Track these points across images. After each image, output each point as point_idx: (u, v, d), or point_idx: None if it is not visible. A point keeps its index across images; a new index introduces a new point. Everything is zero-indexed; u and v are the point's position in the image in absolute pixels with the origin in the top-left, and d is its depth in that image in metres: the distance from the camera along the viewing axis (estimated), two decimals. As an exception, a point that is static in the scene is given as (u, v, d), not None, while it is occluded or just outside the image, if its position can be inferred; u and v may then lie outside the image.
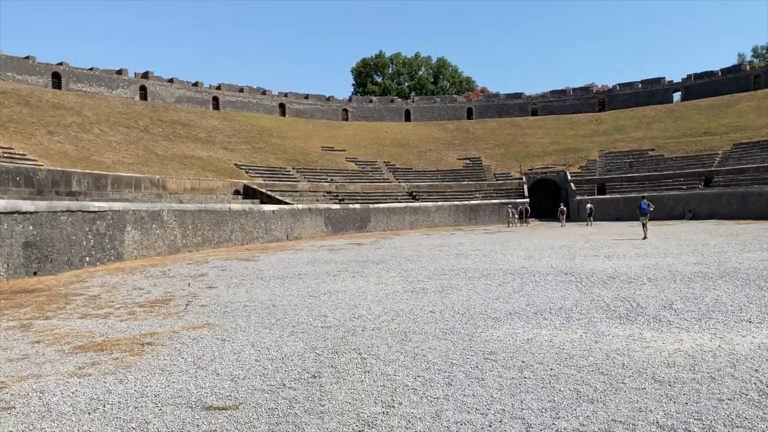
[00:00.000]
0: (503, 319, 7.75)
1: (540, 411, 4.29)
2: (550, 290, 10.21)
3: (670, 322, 7.20)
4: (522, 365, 5.52)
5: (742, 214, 36.15)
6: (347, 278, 13.02)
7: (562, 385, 4.88)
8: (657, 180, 48.16)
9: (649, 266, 13.30)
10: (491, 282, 11.56)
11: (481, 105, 77.50)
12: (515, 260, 15.92)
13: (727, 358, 5.51)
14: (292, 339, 6.97)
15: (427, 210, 44.43)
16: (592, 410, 4.27)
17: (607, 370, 5.26)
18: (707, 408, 4.22)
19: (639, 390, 4.68)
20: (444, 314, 8.26)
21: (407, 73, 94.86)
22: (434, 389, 4.88)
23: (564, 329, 7.02)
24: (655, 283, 10.66)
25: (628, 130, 61.87)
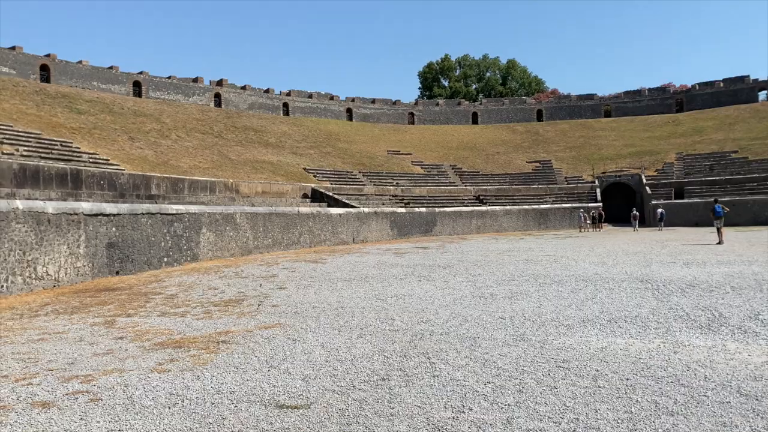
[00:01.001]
0: (576, 327, 7.54)
1: (616, 422, 4.15)
2: (624, 298, 9.86)
3: (757, 334, 6.80)
4: (596, 374, 5.35)
5: (837, 220, 33.72)
6: (414, 282, 13.03)
7: (639, 395, 4.70)
8: (741, 183, 45.66)
9: (733, 274, 12.62)
10: (563, 288, 11.28)
11: (552, 106, 75.83)
12: (588, 266, 15.47)
13: (822, 374, 5.15)
14: (360, 341, 7.04)
15: (495, 214, 43.84)
16: (672, 423, 4.09)
17: (688, 381, 5.03)
18: (800, 426, 3.97)
19: (723, 403, 4.45)
20: (514, 320, 8.13)
21: (475, 75, 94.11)
22: (505, 396, 4.81)
23: (640, 338, 6.76)
24: (739, 292, 10.10)
25: (708, 132, 58.98)
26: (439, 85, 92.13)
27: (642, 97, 72.56)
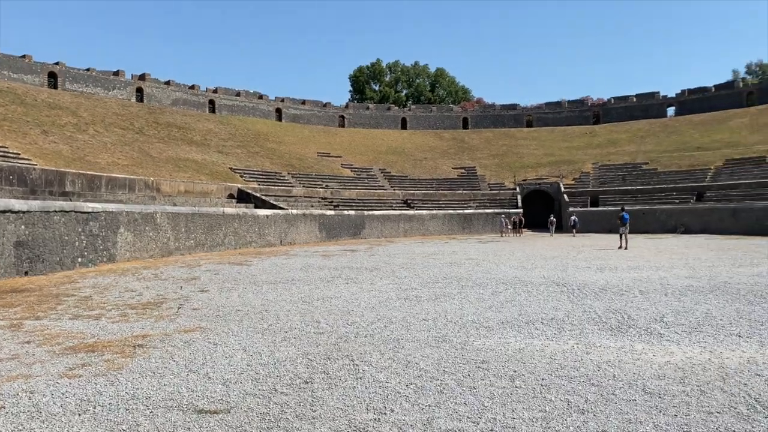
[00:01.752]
0: (495, 329, 7.77)
1: (531, 420, 4.31)
2: (542, 300, 10.25)
3: (661, 335, 7.24)
4: (514, 374, 5.54)
5: (733, 230, 36.39)
6: (340, 284, 13.02)
7: (553, 395, 4.90)
8: (650, 193, 48.44)
9: (641, 279, 13.37)
10: (484, 291, 11.59)
11: (477, 115, 77.85)
12: (508, 270, 15.96)
13: (717, 372, 5.54)
14: (284, 344, 6.96)
15: (422, 218, 44.49)
16: (583, 421, 4.29)
17: (598, 381, 5.29)
18: (696, 421, 4.26)
19: (629, 401, 4.71)
20: (437, 322, 8.28)
21: (405, 81, 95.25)
22: (426, 397, 4.90)
23: (556, 340, 7.05)
24: (647, 295, 10.72)
25: (621, 144, 62.26)
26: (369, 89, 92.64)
27: (562, 109, 75.72)
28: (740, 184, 44.05)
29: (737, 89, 68.03)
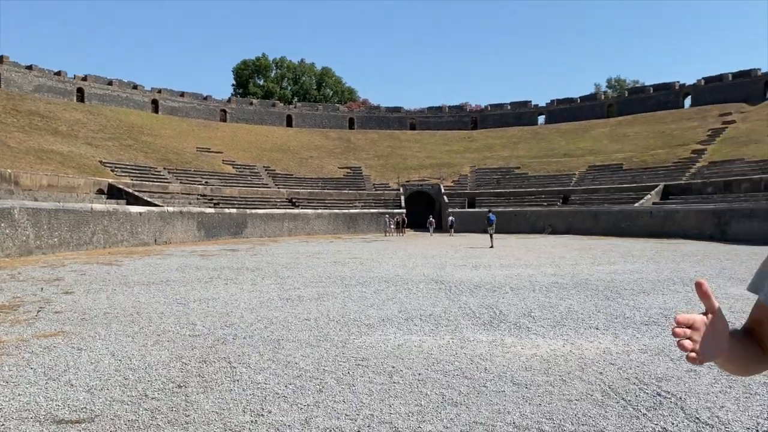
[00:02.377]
0: (376, 326, 7.89)
1: (407, 415, 4.43)
2: (421, 298, 10.55)
3: (529, 329, 7.71)
4: (392, 370, 5.65)
5: (594, 230, 39.53)
6: (219, 285, 12.63)
7: (429, 389, 5.06)
8: (521, 196, 51.43)
9: (512, 276, 14.16)
10: (367, 290, 11.73)
11: (363, 116, 78.65)
12: (390, 269, 16.28)
13: (577, 362, 5.99)
14: (156, 348, 6.64)
15: (307, 217, 44.22)
16: (456, 413, 4.47)
17: (471, 374, 5.54)
18: (558, 408, 4.57)
19: (499, 393, 4.96)
20: (318, 322, 8.26)
21: (291, 78, 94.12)
22: (305, 396, 4.87)
23: (433, 335, 7.29)
24: (517, 292, 11.37)
25: (497, 149, 65.56)
26: (254, 84, 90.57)
27: (443, 114, 78.41)
28: (600, 188, 47.96)
29: (599, 101, 73.99)
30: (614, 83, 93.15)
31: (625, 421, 4.27)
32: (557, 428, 4.14)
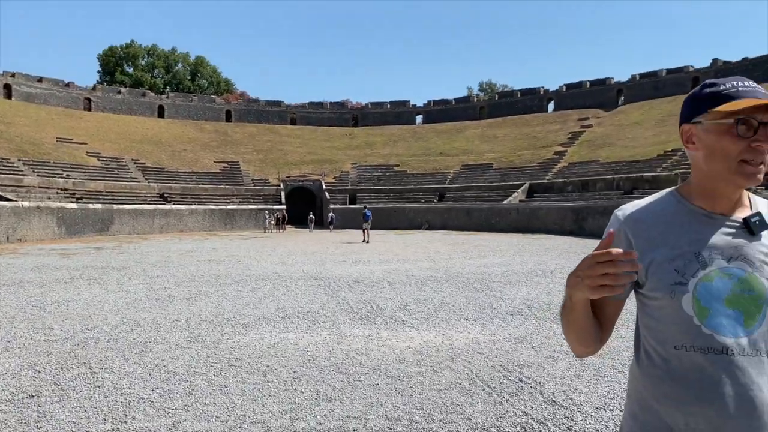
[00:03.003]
0: (252, 325, 7.72)
1: (280, 413, 4.37)
2: (300, 295, 10.47)
3: (404, 322, 7.91)
4: (266, 370, 5.56)
5: (468, 226, 41.39)
6: (81, 286, 11.76)
7: (303, 386, 5.03)
8: (401, 193, 52.69)
9: (390, 271, 14.46)
10: (242, 288, 11.45)
11: (241, 109, 76.61)
12: (268, 266, 16.01)
13: (447, 353, 6.23)
14: (5, 356, 6.05)
15: (180, 213, 42.33)
16: (330, 408, 4.48)
17: (346, 369, 5.58)
18: (428, 398, 4.73)
19: (373, 386, 5.04)
20: (190, 322, 7.94)
21: (163, 66, 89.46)
22: (173, 400, 4.66)
23: (310, 332, 7.26)
24: (394, 286, 11.63)
25: (377, 146, 66.64)
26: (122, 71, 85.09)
27: (324, 110, 78.36)
28: (473, 186, 50.30)
29: (472, 103, 77.55)
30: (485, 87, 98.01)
31: (489, 407, 4.50)
32: (427, 417, 4.28)
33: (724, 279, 1.35)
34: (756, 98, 1.31)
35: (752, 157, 1.33)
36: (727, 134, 1.35)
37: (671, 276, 1.38)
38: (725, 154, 1.36)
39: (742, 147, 1.33)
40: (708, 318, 1.34)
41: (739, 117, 1.33)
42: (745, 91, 1.34)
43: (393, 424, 4.16)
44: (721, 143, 1.36)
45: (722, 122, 1.35)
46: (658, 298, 1.40)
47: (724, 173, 1.37)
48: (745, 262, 1.36)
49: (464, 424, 4.14)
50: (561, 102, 69.36)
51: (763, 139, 1.32)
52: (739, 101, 1.32)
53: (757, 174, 1.34)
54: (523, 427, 4.09)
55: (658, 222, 1.44)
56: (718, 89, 1.38)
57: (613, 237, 1.27)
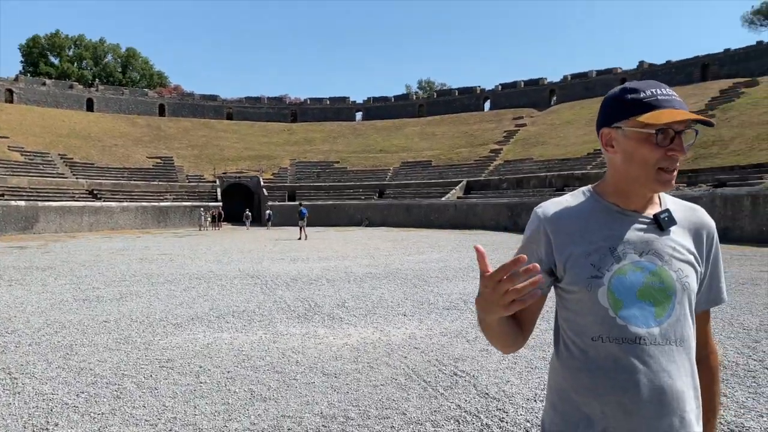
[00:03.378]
0: (185, 325, 7.53)
1: (213, 414, 4.28)
2: (235, 293, 10.29)
3: (342, 319, 7.90)
4: (199, 370, 5.43)
5: (407, 223, 41.75)
6: (2, 287, 11.15)
7: (237, 386, 4.94)
8: (340, 190, 52.54)
9: (329, 268, 14.40)
10: (176, 287, 11.15)
11: (175, 103, 74.42)
12: (203, 264, 15.65)
13: (384, 349, 6.26)
14: None
15: (111, 211, 40.77)
16: (264, 408, 4.42)
17: (282, 368, 5.52)
18: (364, 395, 4.74)
19: (309, 384, 5.01)
20: (120, 323, 7.66)
21: (91, 58, 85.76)
22: (99, 405, 4.48)
23: (245, 331, 7.14)
24: (333, 283, 11.59)
25: (317, 143, 66.18)
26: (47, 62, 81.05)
27: (262, 105, 77.14)
28: (412, 183, 50.74)
29: (411, 101, 78.14)
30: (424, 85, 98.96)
31: (424, 401, 4.55)
32: (363, 414, 4.29)
33: (636, 272, 1.42)
34: (674, 108, 1.39)
35: (668, 164, 1.41)
36: (646, 142, 1.42)
37: (588, 270, 1.43)
38: (644, 161, 1.43)
39: (660, 155, 1.41)
40: (621, 309, 1.40)
41: (656, 127, 1.40)
42: (664, 100, 1.41)
43: (328, 421, 4.15)
44: (640, 150, 1.43)
45: (643, 131, 1.42)
46: (575, 291, 1.46)
47: (641, 178, 1.45)
48: (656, 256, 1.43)
49: (399, 419, 4.17)
50: (497, 101, 70.87)
51: (678, 149, 1.40)
52: (661, 113, 1.39)
53: (671, 181, 1.43)
54: (457, 420, 4.16)
55: (576, 219, 1.50)
56: (639, 97, 1.44)
57: (519, 262, 1.26)
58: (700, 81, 54.79)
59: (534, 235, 1.54)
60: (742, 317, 7.54)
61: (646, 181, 1.44)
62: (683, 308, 1.42)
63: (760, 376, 5.02)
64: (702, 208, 1.58)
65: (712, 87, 49.75)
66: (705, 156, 33.07)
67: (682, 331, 1.42)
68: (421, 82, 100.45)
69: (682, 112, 1.38)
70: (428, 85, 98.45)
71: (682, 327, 1.42)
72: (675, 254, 1.44)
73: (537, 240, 1.53)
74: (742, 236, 20.86)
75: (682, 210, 1.53)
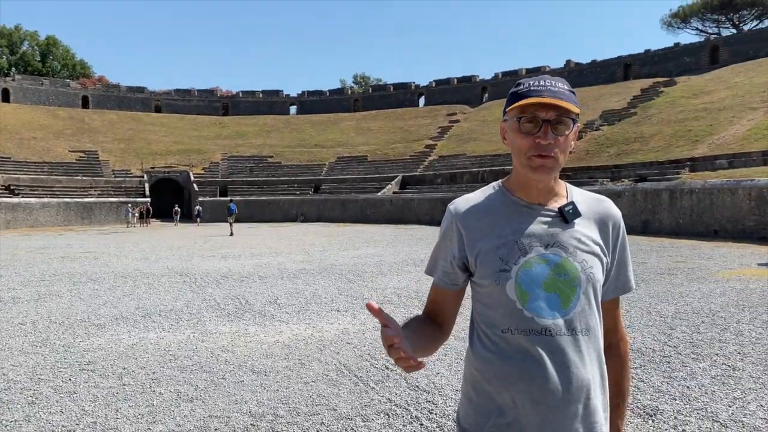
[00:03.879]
0: (108, 326, 7.23)
1: (136, 417, 4.13)
2: (163, 292, 9.97)
3: (273, 316, 7.79)
4: (123, 372, 5.23)
5: (343, 218, 41.69)
6: None
7: (163, 388, 4.79)
8: (275, 185, 51.85)
9: (262, 265, 14.19)
10: (100, 286, 10.70)
11: (100, 94, 71.29)
12: (130, 262, 15.09)
13: (317, 345, 6.22)
14: None
15: (30, 207, 38.69)
16: (191, 409, 4.30)
17: (210, 367, 5.39)
18: (295, 392, 4.69)
19: (237, 383, 4.91)
20: (37, 325, 7.28)
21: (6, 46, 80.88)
22: (12, 412, 4.24)
23: (172, 331, 6.93)
24: (265, 280, 11.42)
25: (249, 137, 64.98)
26: (-45, 49, 75.90)
27: (192, 97, 75.03)
28: (348, 178, 50.67)
29: (347, 95, 77.97)
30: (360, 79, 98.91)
31: (355, 396, 4.55)
32: (292, 411, 4.25)
33: (542, 265, 1.45)
34: (540, 97, 1.41)
35: (537, 151, 1.43)
36: (518, 132, 1.46)
37: (496, 264, 1.46)
38: (518, 149, 1.47)
39: (529, 143, 1.44)
40: (528, 302, 1.44)
41: (521, 116, 1.44)
42: (534, 90, 1.44)
43: (257, 420, 4.08)
44: (515, 140, 1.48)
45: (512, 121, 1.47)
46: (486, 285, 1.48)
47: (521, 167, 1.49)
48: (561, 248, 1.47)
49: (329, 415, 4.16)
50: (431, 97, 71.69)
51: (542, 136, 1.42)
52: (520, 102, 1.43)
53: (543, 165, 1.44)
54: (387, 413, 4.18)
55: (485, 214, 1.53)
56: (516, 89, 1.49)
57: (380, 315, 1.25)
58: (623, 80, 57.30)
59: (447, 232, 1.56)
60: (659, 306, 7.93)
61: (524, 170, 1.48)
62: (588, 298, 1.47)
63: (674, 362, 5.30)
64: (609, 199, 1.63)
65: (634, 86, 52.11)
66: (627, 152, 34.63)
67: (588, 321, 1.46)
68: (356, 77, 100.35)
69: (534, 99, 1.41)
70: (363, 79, 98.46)
71: (587, 317, 1.46)
72: (579, 246, 1.48)
73: (450, 236, 1.56)
74: (661, 229, 21.99)
75: (588, 202, 1.56)
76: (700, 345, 5.85)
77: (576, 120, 1.46)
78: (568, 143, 1.46)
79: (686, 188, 21.48)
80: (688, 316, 7.21)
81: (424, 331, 1.55)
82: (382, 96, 74.55)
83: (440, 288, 1.61)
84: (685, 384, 4.68)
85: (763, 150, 24.49)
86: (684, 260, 13.10)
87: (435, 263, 1.63)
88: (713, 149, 28.81)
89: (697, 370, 5.04)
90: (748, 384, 4.64)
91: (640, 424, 3.91)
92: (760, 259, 13.05)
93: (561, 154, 1.45)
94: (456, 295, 1.61)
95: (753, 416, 3.98)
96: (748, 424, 3.84)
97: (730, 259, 13.15)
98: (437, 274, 1.61)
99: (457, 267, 1.55)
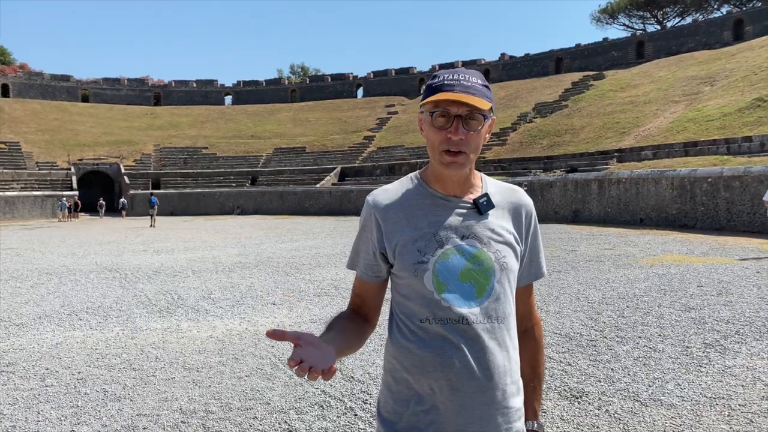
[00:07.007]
0: (30, 325, 6.91)
1: (59, 419, 3.97)
2: (90, 289, 9.60)
3: (207, 311, 7.64)
4: (45, 373, 5.02)
5: (281, 210, 41.20)
6: None
7: (89, 387, 4.63)
8: (210, 177, 50.65)
9: (196, 259, 13.87)
10: (22, 284, 10.19)
11: (21, 83, 67.51)
12: (56, 258, 14.44)
13: (251, 339, 6.15)
14: None
15: (-57, 202, 36.33)
16: (118, 408, 4.18)
17: (140, 365, 5.24)
18: (227, 387, 4.62)
19: (168, 380, 4.80)
20: (-50, 327, 6.87)
21: None
22: None
23: (100, 329, 6.69)
24: (199, 275, 11.17)
25: (183, 127, 63.14)
26: None
27: (122, 86, 72.19)
28: (286, 170, 50.05)
29: (284, 86, 76.84)
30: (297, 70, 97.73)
31: (289, 389, 4.53)
32: (224, 407, 4.19)
33: (458, 256, 1.49)
34: (452, 92, 1.43)
35: (448, 147, 1.45)
36: (431, 126, 1.48)
37: (414, 256, 1.48)
38: (431, 143, 1.49)
39: (441, 138, 1.46)
40: (445, 292, 1.47)
41: (434, 110, 1.46)
42: (447, 84, 1.45)
43: (188, 417, 4.00)
44: (428, 133, 1.50)
45: (426, 115, 1.49)
46: (404, 276, 1.51)
47: (434, 160, 1.52)
48: (476, 239, 1.51)
49: (262, 409, 4.12)
50: (369, 89, 71.64)
51: (453, 132, 1.44)
52: (432, 96, 1.45)
53: (454, 162, 1.46)
54: (321, 405, 4.19)
55: (403, 206, 1.54)
56: (432, 82, 1.50)
57: (284, 337, 1.23)
58: (555, 73, 58.97)
59: (367, 223, 1.58)
60: (587, 292, 8.26)
61: (437, 163, 1.50)
62: (503, 287, 1.51)
63: (600, 345, 5.54)
64: (521, 189, 1.68)
65: (566, 79, 53.70)
66: (559, 144, 35.72)
67: (503, 309, 1.51)
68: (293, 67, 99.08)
69: (446, 95, 1.42)
70: (302, 70, 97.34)
71: (502, 305, 1.51)
72: (493, 236, 1.52)
73: (369, 228, 1.57)
74: (591, 217, 22.86)
75: (501, 193, 1.60)
76: (624, 328, 6.14)
77: (488, 116, 1.48)
78: (481, 138, 1.48)
79: (614, 178, 22.39)
80: (614, 301, 7.54)
81: (351, 329, 1.56)
82: (320, 87, 73.93)
83: (364, 281, 1.62)
84: (609, 366, 4.90)
85: (684, 141, 25.77)
86: (611, 248, 13.66)
87: (357, 257, 1.63)
88: (639, 141, 30.10)
89: (621, 352, 5.29)
90: (667, 364, 4.91)
91: (566, 406, 4.07)
92: (681, 246, 13.77)
93: (473, 149, 1.47)
94: (380, 287, 1.62)
95: (671, 395, 4.21)
96: (666, 402, 4.07)
97: (654, 246, 13.82)
98: (360, 268, 1.62)
99: (379, 259, 1.56)
